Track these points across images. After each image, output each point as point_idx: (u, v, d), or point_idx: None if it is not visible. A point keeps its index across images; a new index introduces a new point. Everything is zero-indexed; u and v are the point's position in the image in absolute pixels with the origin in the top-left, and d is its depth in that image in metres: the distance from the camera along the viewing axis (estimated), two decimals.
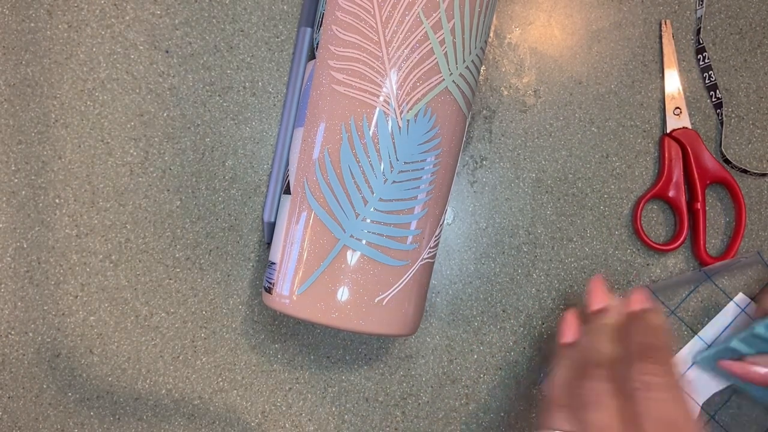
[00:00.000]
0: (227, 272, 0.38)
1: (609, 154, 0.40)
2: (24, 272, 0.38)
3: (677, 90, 0.40)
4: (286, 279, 0.31)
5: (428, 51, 0.30)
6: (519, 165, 0.40)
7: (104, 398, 0.38)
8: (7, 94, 0.38)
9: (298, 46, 0.38)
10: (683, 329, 0.40)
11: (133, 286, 0.38)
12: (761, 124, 0.41)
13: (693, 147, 0.39)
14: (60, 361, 0.38)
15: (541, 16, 0.40)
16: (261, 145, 0.39)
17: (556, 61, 0.40)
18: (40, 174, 0.38)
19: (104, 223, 0.38)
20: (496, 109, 0.40)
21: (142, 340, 0.38)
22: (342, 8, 0.31)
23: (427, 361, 0.39)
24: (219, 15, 0.39)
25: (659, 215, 0.40)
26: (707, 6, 0.41)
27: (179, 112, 0.38)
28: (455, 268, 0.39)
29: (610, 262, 0.40)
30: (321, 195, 0.31)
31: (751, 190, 0.40)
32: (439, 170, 0.32)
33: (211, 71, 0.38)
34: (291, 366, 0.39)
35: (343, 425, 0.39)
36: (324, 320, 0.30)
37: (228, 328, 0.38)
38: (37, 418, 0.38)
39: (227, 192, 0.38)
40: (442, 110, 0.31)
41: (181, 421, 0.38)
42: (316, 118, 0.31)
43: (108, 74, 0.38)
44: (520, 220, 0.40)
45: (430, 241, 0.32)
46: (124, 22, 0.38)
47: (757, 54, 0.41)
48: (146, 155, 0.38)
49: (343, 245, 0.30)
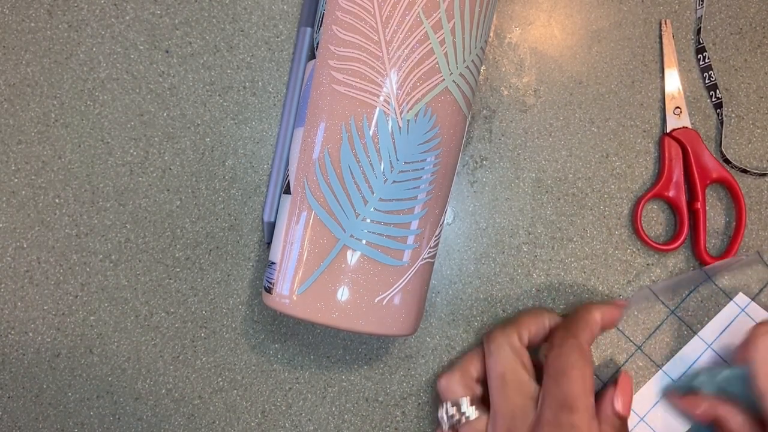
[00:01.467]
0: (227, 272, 0.38)
1: (609, 154, 0.40)
2: (24, 272, 0.38)
3: (677, 90, 0.40)
4: (286, 279, 0.31)
5: (428, 51, 0.30)
6: (519, 165, 0.40)
7: (104, 398, 0.38)
8: (7, 94, 0.38)
9: (298, 46, 0.38)
10: (683, 329, 0.40)
11: (133, 285, 0.38)
12: (761, 124, 0.41)
13: (693, 147, 0.39)
14: (60, 361, 0.38)
15: (541, 16, 0.40)
16: (261, 145, 0.39)
17: (556, 61, 0.40)
18: (40, 174, 0.38)
19: (104, 223, 0.38)
20: (496, 109, 0.40)
21: (142, 340, 0.38)
22: (342, 8, 0.31)
23: (427, 361, 0.39)
24: (219, 15, 0.39)
25: (659, 215, 0.40)
26: (707, 6, 0.41)
27: (179, 112, 0.38)
28: (455, 268, 0.39)
29: (610, 262, 0.40)
30: (321, 195, 0.31)
31: (751, 190, 0.40)
32: (439, 170, 0.32)
33: (211, 71, 0.38)
34: (291, 366, 0.39)
35: (343, 425, 0.39)
36: (324, 320, 0.30)
37: (228, 328, 0.38)
38: (37, 418, 0.38)
39: (227, 192, 0.38)
40: (442, 110, 0.31)
41: (181, 421, 0.38)
42: (316, 118, 0.31)
43: (108, 74, 0.38)
44: (520, 220, 0.40)
45: (430, 241, 0.32)
46: (124, 22, 0.38)
47: (757, 54, 0.41)
48: (146, 155, 0.38)
49: (343, 245, 0.30)
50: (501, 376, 0.33)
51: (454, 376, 0.35)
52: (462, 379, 0.35)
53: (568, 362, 0.32)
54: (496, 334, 0.34)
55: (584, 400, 0.31)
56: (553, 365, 0.32)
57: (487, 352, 0.34)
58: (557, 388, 0.31)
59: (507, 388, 0.32)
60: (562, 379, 0.31)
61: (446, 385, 0.35)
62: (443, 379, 0.35)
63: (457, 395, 0.34)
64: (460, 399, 0.34)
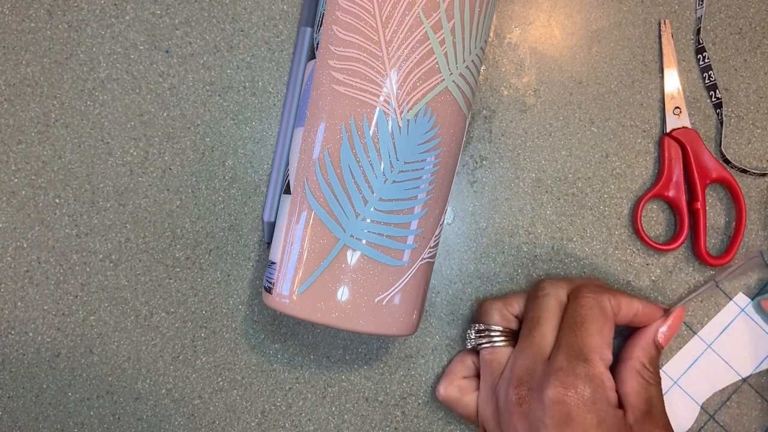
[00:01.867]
0: (227, 272, 0.38)
1: (609, 154, 0.40)
2: (24, 272, 0.38)
3: (677, 90, 0.40)
4: (286, 279, 0.31)
5: (428, 51, 0.30)
6: (519, 165, 0.40)
7: (104, 398, 0.38)
8: (7, 94, 0.38)
9: (298, 45, 0.38)
10: (683, 329, 0.40)
11: (133, 285, 0.38)
12: (761, 124, 0.41)
13: (693, 147, 0.39)
14: (60, 361, 0.38)
15: (541, 16, 0.40)
16: (261, 145, 0.39)
17: (556, 61, 0.40)
18: (40, 174, 0.38)
19: (104, 223, 0.38)
20: (496, 109, 0.40)
21: (142, 340, 0.38)
22: (342, 8, 0.31)
23: (427, 361, 0.39)
24: (219, 15, 0.39)
25: (659, 215, 0.40)
26: (707, 6, 0.41)
27: (179, 112, 0.38)
28: (455, 268, 0.39)
29: (610, 262, 0.40)
30: (321, 195, 0.31)
31: (751, 190, 0.40)
32: (439, 170, 0.32)
33: (211, 71, 0.38)
34: (291, 366, 0.39)
35: (343, 425, 0.39)
36: (324, 320, 0.30)
37: (228, 328, 0.38)
38: (37, 418, 0.38)
39: (227, 192, 0.38)
40: (442, 110, 0.31)
41: (181, 421, 0.38)
42: (316, 118, 0.31)
43: (108, 74, 0.38)
44: (520, 220, 0.40)
45: (430, 241, 0.32)
46: (124, 22, 0.38)
47: (757, 54, 0.41)
48: (146, 155, 0.38)
49: (343, 245, 0.30)
50: (536, 319, 0.33)
51: (495, 303, 0.36)
52: (502, 308, 0.36)
53: (589, 315, 0.32)
54: (546, 283, 0.35)
55: (599, 352, 0.31)
56: (573, 315, 0.32)
57: (532, 295, 0.35)
58: (574, 337, 0.32)
59: (538, 331, 0.33)
60: (581, 329, 0.32)
61: (485, 309, 0.36)
62: (486, 303, 0.36)
63: (492, 321, 0.35)
64: (492, 325, 0.35)
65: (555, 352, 0.32)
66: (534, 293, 0.35)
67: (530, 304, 0.35)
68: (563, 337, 0.32)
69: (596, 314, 0.32)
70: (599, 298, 0.33)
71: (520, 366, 0.32)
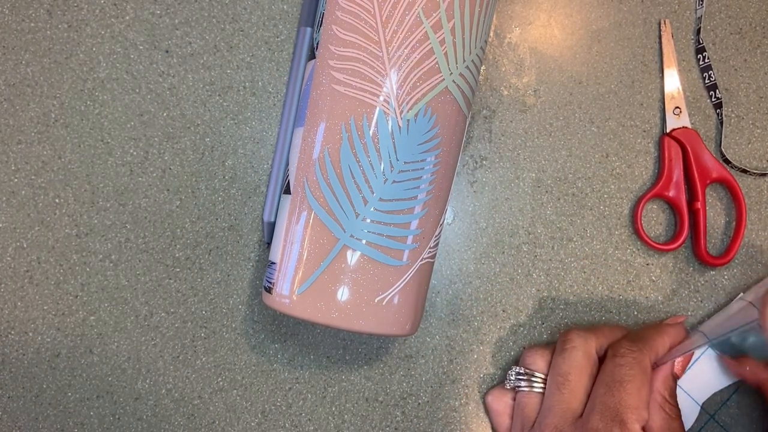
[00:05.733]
0: (227, 272, 0.38)
1: (609, 154, 0.40)
2: (24, 272, 0.38)
3: (677, 90, 0.40)
4: (286, 279, 0.31)
5: (428, 51, 0.30)
6: (519, 165, 0.40)
7: (104, 398, 0.38)
8: (7, 94, 0.38)
9: (298, 45, 0.38)
10: None
11: (133, 285, 0.38)
12: (761, 124, 0.41)
13: (693, 147, 0.39)
14: (60, 361, 0.38)
15: (541, 16, 0.40)
16: (261, 144, 0.39)
17: (556, 61, 0.40)
18: (40, 174, 0.38)
19: (104, 223, 0.38)
20: (496, 109, 0.40)
21: (142, 340, 0.38)
22: (342, 8, 0.31)
23: (427, 361, 0.39)
24: (219, 15, 0.39)
25: (659, 215, 0.40)
26: (707, 6, 0.41)
27: (179, 111, 0.38)
28: (455, 268, 0.39)
29: (610, 262, 0.40)
30: (321, 195, 0.31)
31: (751, 190, 0.40)
32: (439, 170, 0.32)
33: (211, 71, 0.38)
34: (291, 366, 0.39)
35: (343, 425, 0.39)
36: (324, 320, 0.30)
37: (228, 328, 0.38)
38: (37, 418, 0.38)
39: (227, 192, 0.38)
40: (442, 110, 0.31)
41: (181, 421, 0.38)
42: (316, 118, 0.31)
43: (108, 74, 0.38)
44: (520, 220, 0.40)
45: (430, 241, 0.32)
46: (124, 22, 0.38)
47: (757, 54, 0.41)
48: (146, 155, 0.38)
49: (343, 245, 0.30)
50: (565, 375, 0.33)
51: (544, 351, 0.36)
52: (548, 355, 0.35)
53: (628, 374, 0.31)
54: (573, 335, 0.34)
55: (636, 413, 0.30)
56: (611, 373, 0.32)
57: (559, 348, 0.34)
58: (611, 397, 0.31)
59: (567, 389, 0.32)
60: (619, 389, 0.31)
61: (533, 354, 0.36)
62: (532, 348, 0.36)
63: (536, 367, 0.35)
64: (535, 372, 0.35)
65: (589, 412, 0.31)
66: (561, 346, 0.34)
67: (558, 357, 0.34)
68: (598, 396, 0.31)
69: (636, 374, 0.31)
70: (640, 358, 0.32)
71: (548, 425, 0.32)
